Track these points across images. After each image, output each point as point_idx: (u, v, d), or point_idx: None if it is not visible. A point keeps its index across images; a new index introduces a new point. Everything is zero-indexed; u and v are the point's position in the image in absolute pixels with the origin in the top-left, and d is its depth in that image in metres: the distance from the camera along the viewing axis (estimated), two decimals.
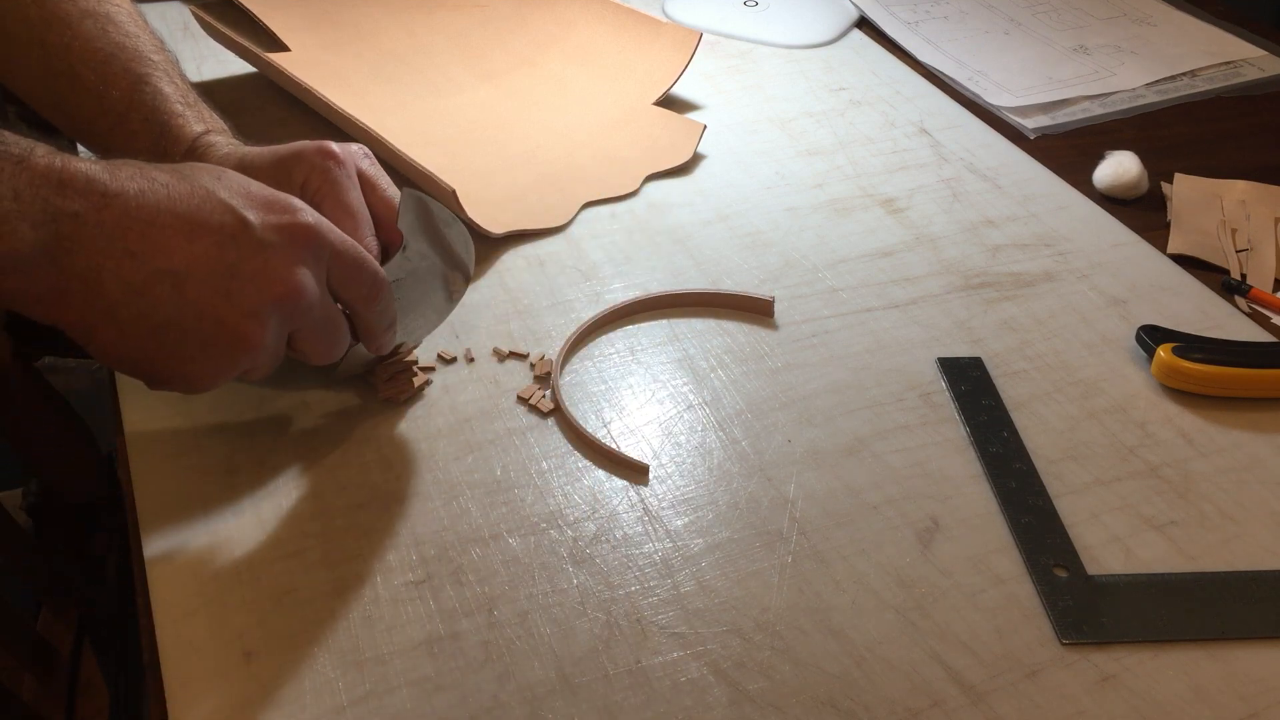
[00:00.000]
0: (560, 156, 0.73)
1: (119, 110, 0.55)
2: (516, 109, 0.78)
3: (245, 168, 0.53)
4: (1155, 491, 0.52)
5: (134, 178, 0.40)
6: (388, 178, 0.55)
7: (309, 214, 0.44)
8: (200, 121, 0.56)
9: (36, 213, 0.37)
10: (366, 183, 0.54)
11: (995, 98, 0.85)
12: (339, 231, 0.45)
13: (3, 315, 0.82)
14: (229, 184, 0.43)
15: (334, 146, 0.53)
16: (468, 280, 0.56)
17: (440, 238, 0.54)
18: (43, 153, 0.39)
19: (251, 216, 0.42)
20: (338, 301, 0.47)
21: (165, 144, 0.55)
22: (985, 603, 0.47)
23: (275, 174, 0.52)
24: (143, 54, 0.57)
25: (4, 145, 0.38)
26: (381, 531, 0.48)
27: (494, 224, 0.65)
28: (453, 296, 0.56)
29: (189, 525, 0.48)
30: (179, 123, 0.55)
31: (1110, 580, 0.48)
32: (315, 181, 0.52)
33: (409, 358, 0.55)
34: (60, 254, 0.38)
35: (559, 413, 0.54)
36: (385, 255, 0.54)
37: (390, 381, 0.54)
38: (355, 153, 0.54)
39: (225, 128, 0.57)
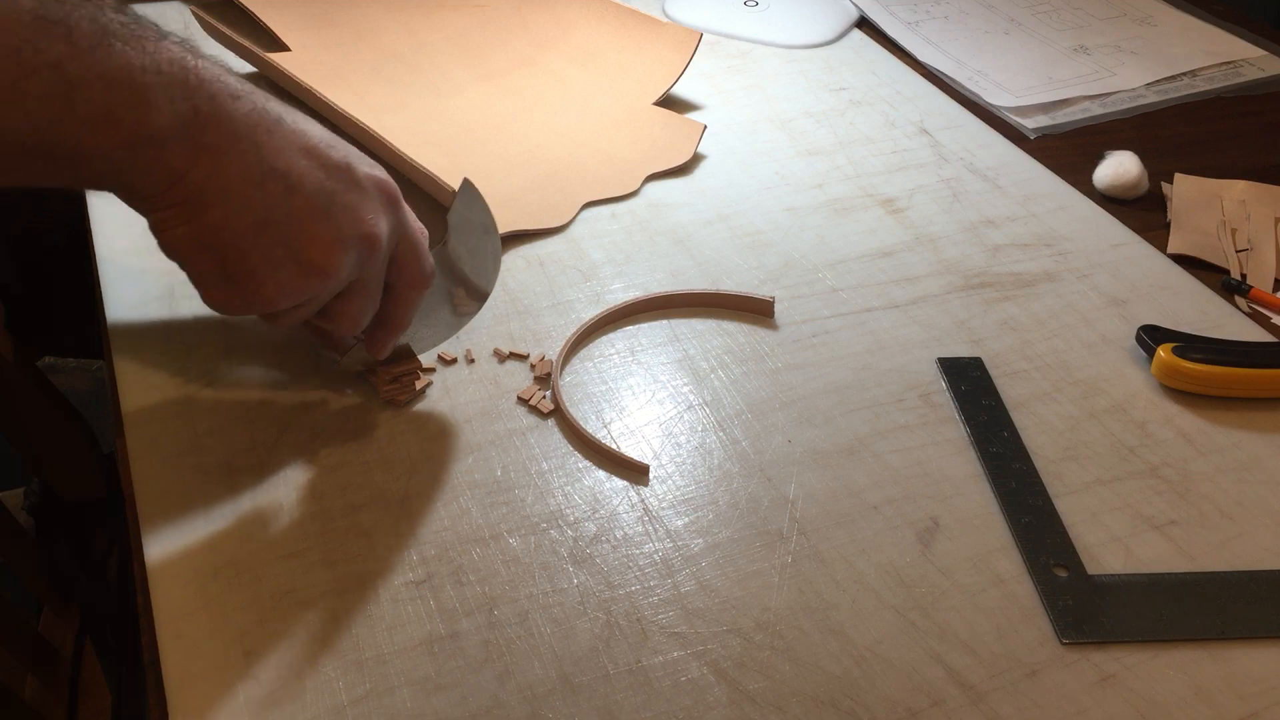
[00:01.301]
0: (560, 156, 0.73)
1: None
2: (516, 109, 0.78)
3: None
4: (1155, 491, 0.52)
5: (254, 88, 0.43)
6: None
7: (394, 184, 0.47)
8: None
9: (177, 89, 0.39)
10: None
11: (995, 98, 0.85)
12: (411, 213, 0.48)
13: (3, 315, 0.82)
14: (331, 131, 0.46)
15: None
16: (484, 297, 0.56)
17: (476, 244, 0.54)
18: (174, 40, 0.41)
19: (354, 160, 0.45)
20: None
21: None
22: (985, 603, 0.47)
23: None
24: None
25: (141, 28, 0.40)
26: (382, 531, 0.48)
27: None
28: (464, 311, 0.56)
29: (189, 525, 0.48)
30: None
31: (1110, 580, 0.48)
32: None
33: (409, 365, 0.55)
34: (196, 131, 0.40)
35: (559, 413, 0.54)
36: None
37: (393, 383, 0.54)
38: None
39: None
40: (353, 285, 0.46)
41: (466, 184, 0.53)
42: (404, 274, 0.49)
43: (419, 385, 0.55)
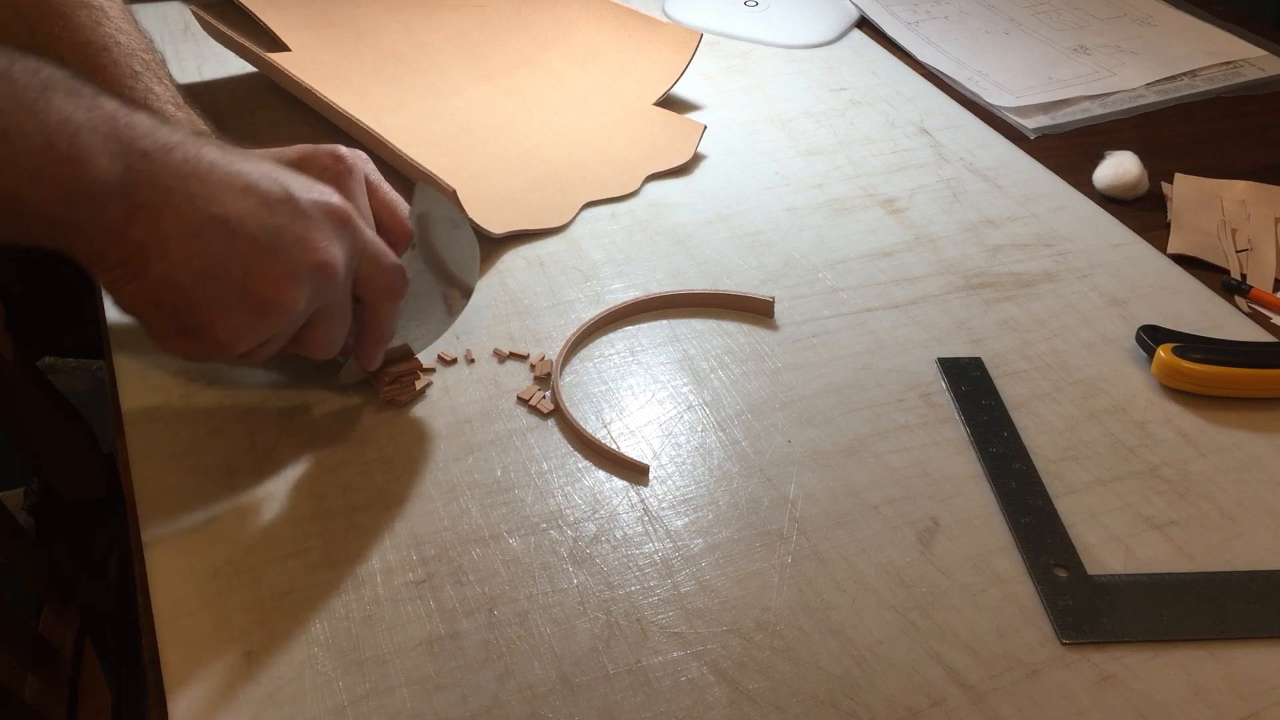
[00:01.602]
0: (560, 156, 0.73)
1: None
2: (516, 109, 0.78)
3: None
4: (1155, 491, 0.52)
5: (187, 136, 0.43)
6: (387, 184, 0.55)
7: (346, 203, 0.46)
8: (191, 125, 0.56)
9: (114, 144, 0.40)
10: (369, 186, 0.54)
11: (995, 98, 0.85)
12: (368, 228, 0.47)
13: (3, 315, 0.82)
14: (271, 164, 0.46)
15: (343, 151, 0.53)
16: (470, 291, 0.56)
17: (447, 240, 0.54)
18: (109, 96, 0.41)
19: (296, 190, 0.44)
20: (355, 297, 0.49)
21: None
22: (985, 603, 0.47)
23: None
24: (135, 51, 0.57)
25: (79, 85, 0.40)
26: (382, 531, 0.48)
27: (494, 224, 0.65)
28: (453, 308, 0.56)
29: (189, 525, 0.48)
30: (170, 124, 0.55)
31: (1110, 580, 0.48)
32: (325, 184, 0.52)
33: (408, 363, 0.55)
34: (130, 187, 0.40)
35: (559, 413, 0.54)
36: None
37: (393, 384, 0.54)
38: (360, 158, 0.54)
39: (211, 131, 0.57)
40: (317, 314, 0.46)
41: (419, 188, 0.52)
42: (373, 287, 0.48)
43: (419, 385, 0.55)
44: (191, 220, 0.41)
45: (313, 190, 0.46)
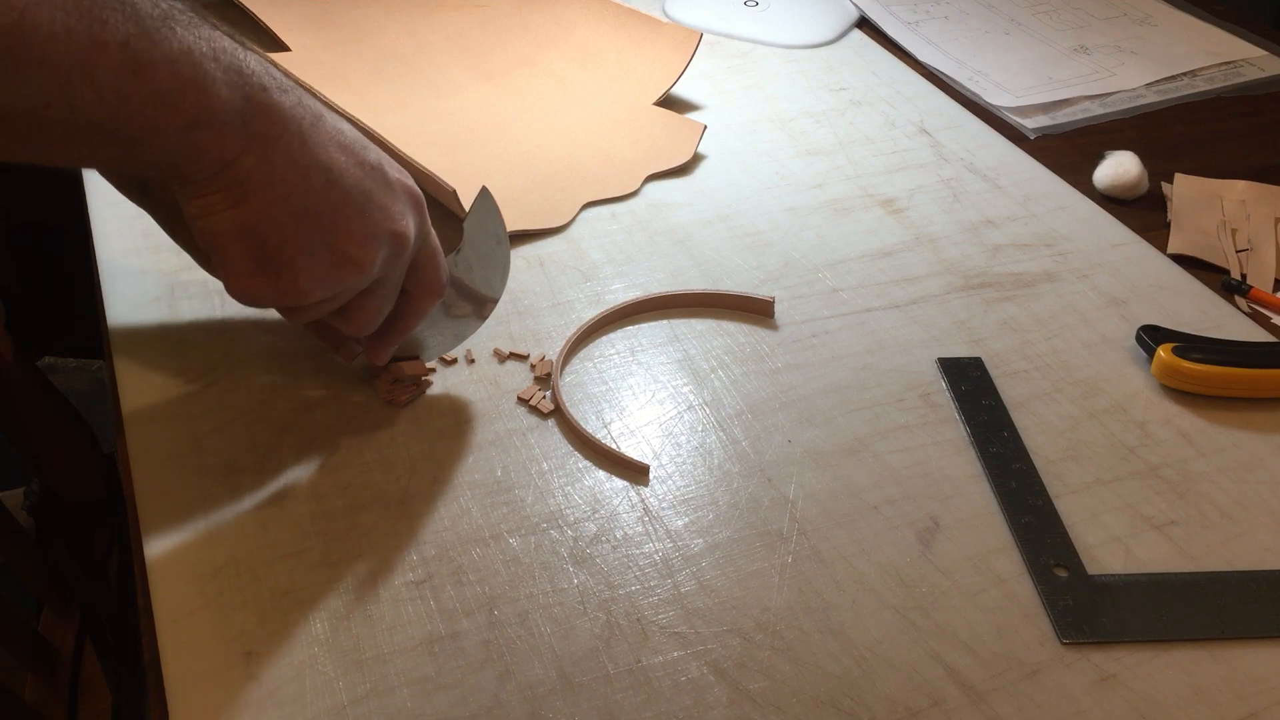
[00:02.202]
0: (560, 156, 0.73)
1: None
2: (516, 109, 0.78)
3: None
4: (1155, 491, 0.52)
5: (294, 85, 0.44)
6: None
7: (419, 190, 0.48)
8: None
9: (233, 75, 0.40)
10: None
11: (995, 98, 0.85)
12: (431, 229, 0.49)
13: (3, 315, 0.82)
14: (359, 133, 0.47)
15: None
16: (491, 308, 0.56)
17: (487, 253, 0.54)
18: (222, 32, 0.42)
19: (384, 162, 0.46)
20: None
21: None
22: (985, 603, 0.47)
23: None
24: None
25: (194, 10, 0.41)
26: (382, 531, 0.48)
27: None
28: (471, 321, 0.56)
29: (189, 525, 0.48)
30: None
31: (1110, 580, 0.48)
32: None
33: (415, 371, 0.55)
34: (249, 118, 0.41)
35: (559, 413, 0.54)
36: None
37: (394, 384, 0.54)
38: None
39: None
40: (375, 284, 0.47)
41: (484, 193, 0.53)
42: (422, 280, 0.49)
43: (419, 385, 0.55)
44: (300, 160, 0.42)
45: (395, 168, 0.47)
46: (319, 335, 0.54)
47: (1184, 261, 0.68)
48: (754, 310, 0.62)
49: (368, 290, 0.47)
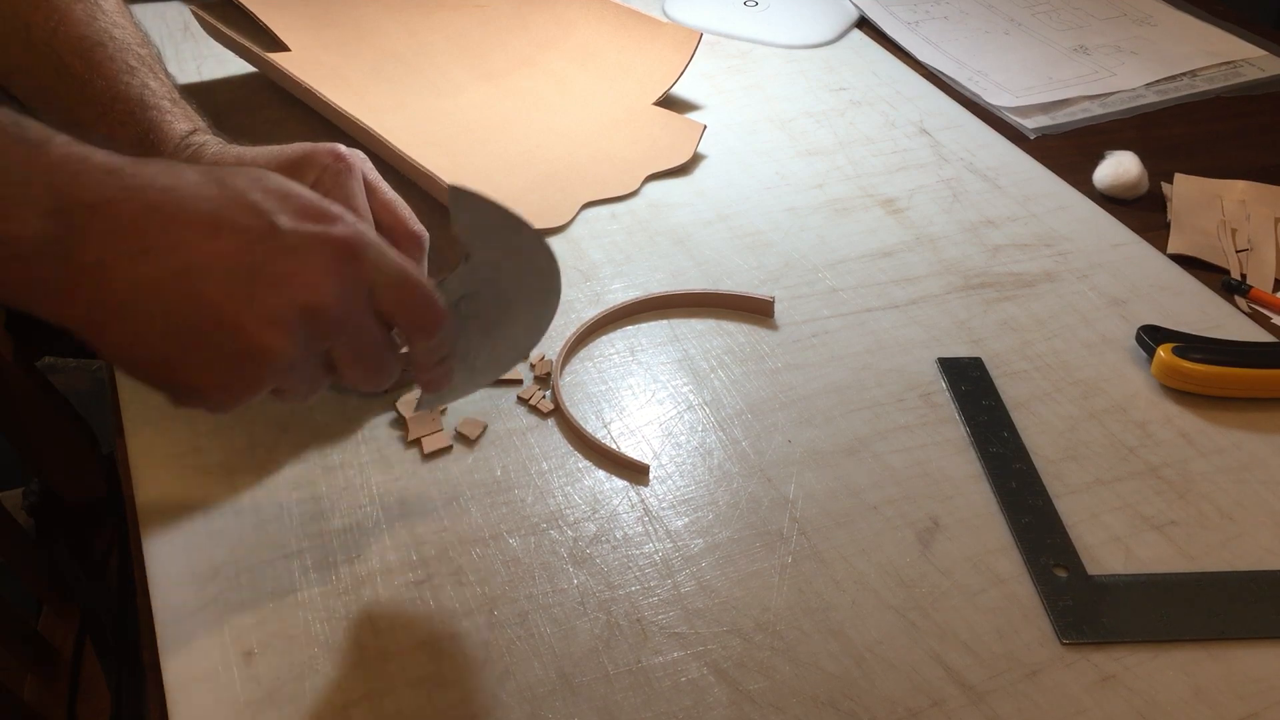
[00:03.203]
0: (560, 156, 0.73)
1: (104, 100, 0.54)
2: (516, 109, 0.78)
3: (247, 165, 0.53)
4: (1155, 491, 0.52)
5: (161, 173, 0.38)
6: (386, 184, 0.55)
7: (352, 226, 0.40)
8: (187, 119, 0.56)
9: (47, 201, 0.35)
10: (368, 186, 0.54)
11: (995, 98, 0.85)
12: (390, 250, 0.41)
13: (3, 315, 0.82)
14: (267, 186, 0.40)
15: (343, 149, 0.53)
16: (552, 308, 0.47)
17: (513, 247, 0.46)
18: (62, 142, 0.37)
19: (283, 220, 0.39)
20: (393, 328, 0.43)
21: (153, 139, 0.54)
22: (985, 603, 0.47)
23: (284, 174, 0.52)
24: (130, 46, 0.56)
25: (21, 130, 0.36)
26: (382, 531, 0.48)
27: None
28: (503, 357, 0.48)
29: (189, 525, 0.48)
30: (167, 119, 0.55)
31: (1110, 580, 0.48)
32: (325, 183, 0.52)
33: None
34: (71, 245, 0.36)
35: (559, 413, 0.54)
36: None
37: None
38: (359, 157, 0.54)
39: (208, 127, 0.57)
40: (337, 352, 0.41)
41: (454, 191, 0.44)
42: (400, 321, 0.42)
43: (408, 379, 0.54)
44: (148, 276, 0.36)
45: (309, 217, 0.39)
46: None
47: (1184, 261, 0.68)
48: (754, 310, 0.62)
49: (337, 359, 0.41)
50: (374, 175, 0.55)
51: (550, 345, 0.58)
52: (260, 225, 0.38)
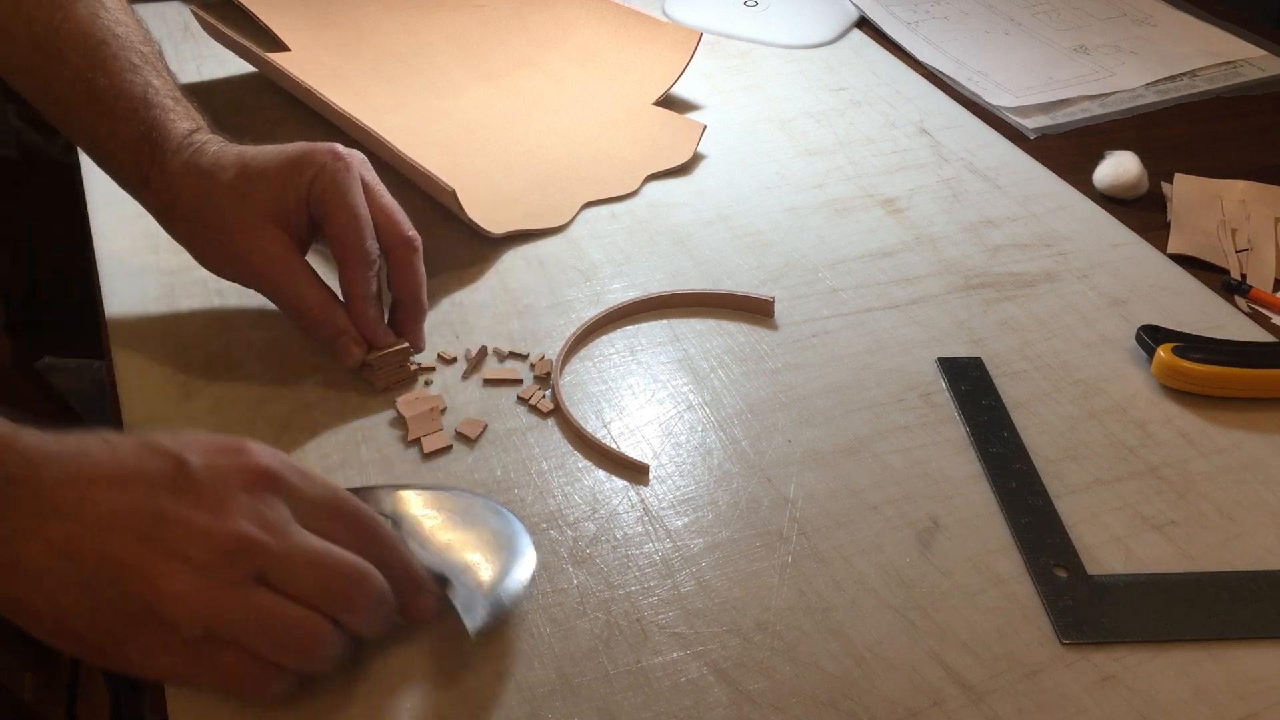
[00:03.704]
0: (560, 156, 0.73)
1: (107, 98, 0.54)
2: (516, 109, 0.78)
3: (246, 166, 0.53)
4: (1155, 491, 0.52)
5: (82, 439, 0.38)
6: (384, 187, 0.55)
7: (266, 455, 0.39)
8: (189, 118, 0.56)
9: None
10: (366, 189, 0.54)
11: (995, 98, 0.85)
12: (311, 473, 0.40)
13: (3, 315, 0.82)
14: (184, 436, 0.39)
15: (341, 149, 0.53)
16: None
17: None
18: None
19: (192, 458, 0.37)
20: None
21: (156, 137, 0.54)
22: (985, 603, 0.47)
23: (283, 173, 0.52)
24: (133, 44, 0.56)
25: None
26: None
27: (494, 224, 0.65)
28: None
29: None
30: (170, 117, 0.55)
31: (1110, 580, 0.48)
32: (323, 182, 0.52)
33: (398, 346, 0.54)
34: None
35: (559, 413, 0.54)
36: (386, 260, 0.54)
37: (379, 370, 0.54)
38: (358, 157, 0.54)
39: (209, 125, 0.57)
40: (282, 587, 0.37)
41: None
42: (339, 541, 0.39)
43: (406, 370, 0.55)
44: (59, 539, 0.35)
45: (221, 453, 0.38)
46: (313, 335, 0.54)
47: (1184, 261, 0.68)
48: (754, 310, 0.62)
49: (286, 590, 0.37)
50: (371, 177, 0.55)
51: (550, 345, 0.58)
52: (169, 467, 0.37)
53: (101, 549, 0.35)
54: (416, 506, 0.46)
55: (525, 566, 0.44)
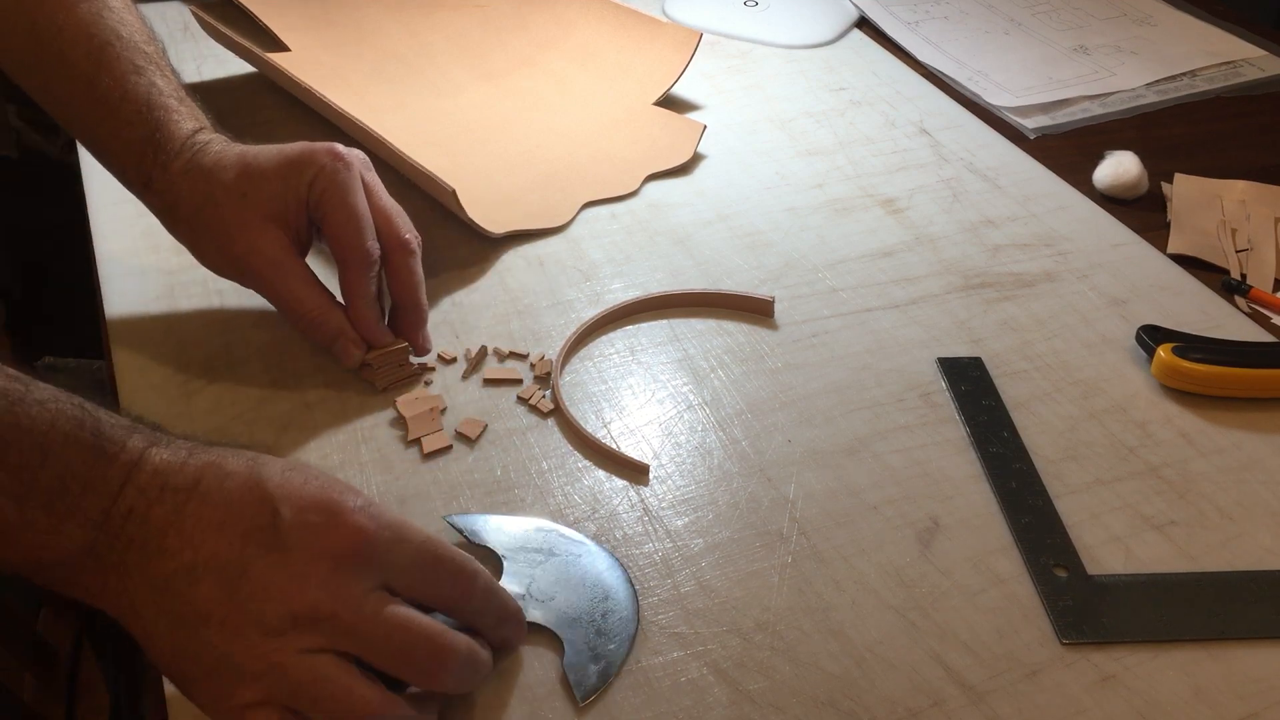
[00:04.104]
0: (560, 156, 0.73)
1: (111, 100, 0.54)
2: (516, 109, 0.78)
3: (247, 166, 0.53)
4: (1155, 491, 0.52)
5: (201, 468, 0.38)
6: (383, 187, 0.55)
7: (361, 517, 0.38)
8: (193, 118, 0.56)
9: (96, 515, 0.37)
10: (366, 189, 0.54)
11: (995, 98, 0.85)
12: (409, 528, 0.39)
13: (3, 315, 0.82)
14: (291, 477, 0.38)
15: (341, 148, 0.53)
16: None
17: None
18: (137, 443, 0.38)
19: (284, 511, 0.37)
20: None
21: (159, 138, 0.54)
22: (985, 603, 0.47)
23: (283, 173, 0.52)
24: (137, 44, 0.56)
25: (99, 439, 0.38)
26: None
27: (494, 224, 0.65)
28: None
29: None
30: (174, 118, 0.55)
31: (1110, 580, 0.48)
32: (323, 182, 0.52)
33: (397, 345, 0.55)
34: (102, 549, 0.37)
35: (559, 413, 0.54)
36: (384, 262, 0.54)
37: (380, 369, 0.54)
38: (359, 157, 0.54)
39: (212, 124, 0.57)
40: (368, 659, 0.37)
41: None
42: (438, 603, 0.40)
43: (407, 369, 0.55)
44: (159, 575, 0.36)
45: (313, 510, 0.37)
46: (311, 337, 0.54)
47: (1184, 261, 0.68)
48: (754, 310, 0.62)
49: (373, 662, 0.37)
50: (371, 177, 0.55)
51: (550, 345, 0.58)
52: (262, 518, 0.37)
53: (191, 594, 0.36)
54: (525, 543, 0.47)
55: (632, 624, 0.44)
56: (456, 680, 0.39)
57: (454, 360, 0.57)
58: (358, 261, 0.53)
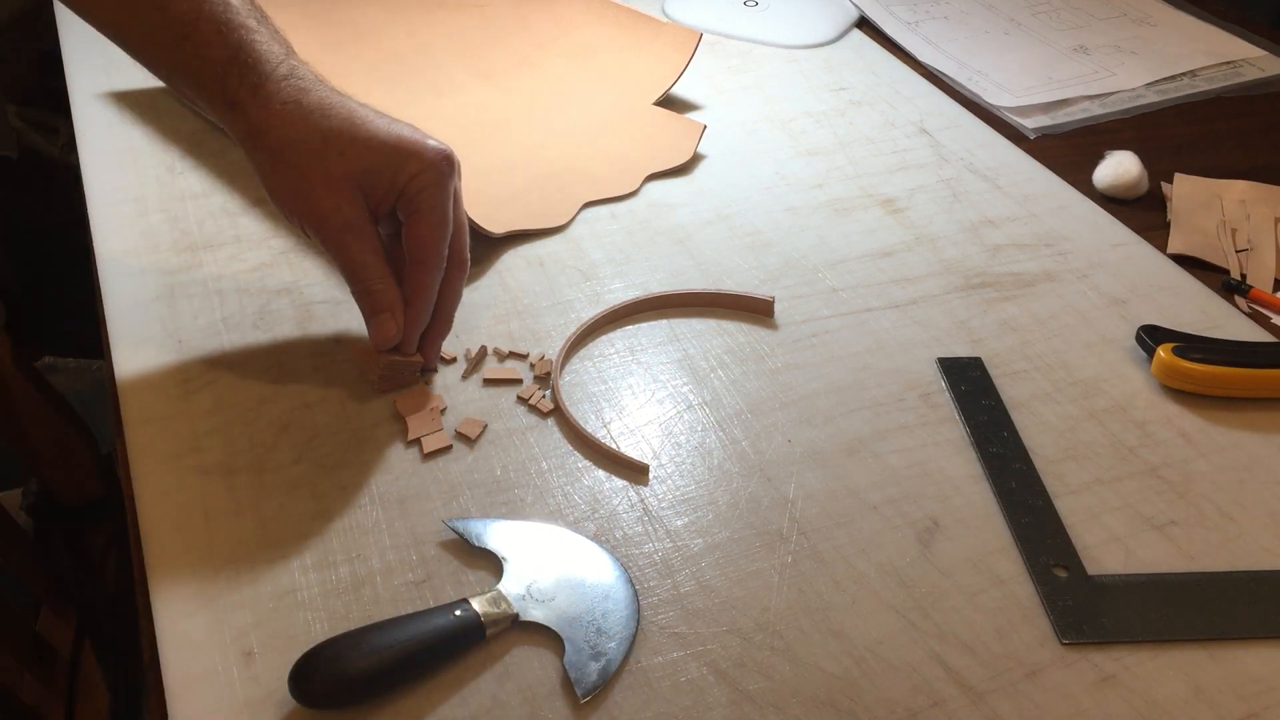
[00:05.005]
0: (560, 156, 0.73)
1: (186, 21, 0.52)
2: (516, 109, 0.78)
3: (355, 128, 0.53)
4: (1155, 491, 0.52)
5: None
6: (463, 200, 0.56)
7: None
8: (277, 40, 0.55)
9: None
10: (454, 199, 0.54)
11: (995, 98, 0.85)
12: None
13: (2, 315, 0.82)
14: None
15: (454, 155, 0.54)
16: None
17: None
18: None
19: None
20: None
21: (248, 59, 0.52)
22: (985, 603, 0.47)
23: (389, 152, 0.52)
24: None
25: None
26: (381, 531, 0.48)
27: (494, 224, 0.65)
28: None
29: (189, 525, 0.48)
30: (256, 39, 0.53)
31: (1110, 580, 0.48)
32: (425, 181, 0.52)
33: (414, 358, 0.55)
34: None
35: (559, 413, 0.54)
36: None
37: (387, 376, 0.54)
38: (459, 166, 0.55)
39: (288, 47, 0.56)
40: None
41: None
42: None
43: (409, 379, 0.55)
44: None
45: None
46: (361, 304, 0.53)
47: (1184, 261, 0.68)
48: (754, 310, 0.62)
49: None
50: (459, 186, 0.55)
51: (550, 345, 0.58)
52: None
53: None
54: (527, 545, 0.47)
55: (632, 622, 0.45)
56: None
57: (454, 360, 0.57)
58: (435, 264, 0.53)
